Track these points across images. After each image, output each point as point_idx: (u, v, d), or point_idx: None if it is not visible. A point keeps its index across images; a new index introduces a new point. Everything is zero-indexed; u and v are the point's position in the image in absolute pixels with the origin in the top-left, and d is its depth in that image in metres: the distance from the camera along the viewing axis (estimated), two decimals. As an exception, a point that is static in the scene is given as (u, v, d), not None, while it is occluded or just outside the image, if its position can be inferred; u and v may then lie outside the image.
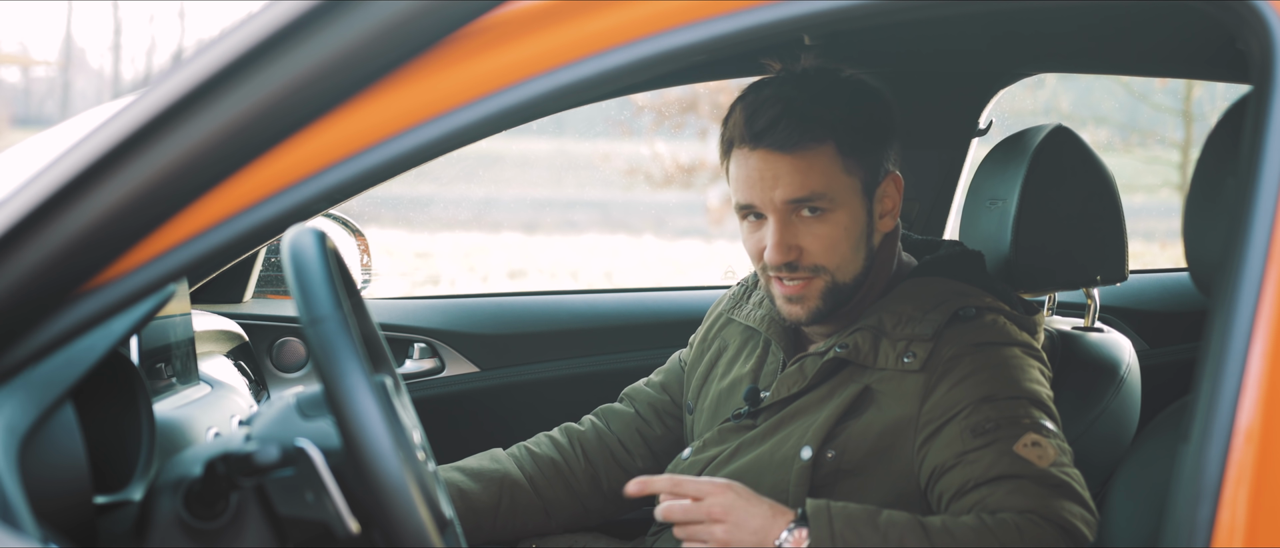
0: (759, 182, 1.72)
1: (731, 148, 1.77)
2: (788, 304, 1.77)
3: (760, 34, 1.13)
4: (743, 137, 1.73)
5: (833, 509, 1.56)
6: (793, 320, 1.78)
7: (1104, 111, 11.03)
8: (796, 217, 1.73)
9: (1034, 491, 1.56)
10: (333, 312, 1.12)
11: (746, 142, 1.73)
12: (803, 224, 1.73)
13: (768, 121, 1.71)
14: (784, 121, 1.70)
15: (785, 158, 1.71)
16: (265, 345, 2.50)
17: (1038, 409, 1.65)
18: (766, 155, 1.71)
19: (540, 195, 13.05)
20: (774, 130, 1.70)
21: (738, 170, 1.75)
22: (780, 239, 1.72)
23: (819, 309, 1.76)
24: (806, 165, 1.71)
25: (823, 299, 1.75)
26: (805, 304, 1.76)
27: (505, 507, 1.92)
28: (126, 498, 1.21)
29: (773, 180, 1.71)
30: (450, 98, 1.12)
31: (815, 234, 1.73)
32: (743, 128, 1.73)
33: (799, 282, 1.74)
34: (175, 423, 1.47)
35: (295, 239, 1.17)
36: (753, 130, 1.72)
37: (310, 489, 1.16)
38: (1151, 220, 10.59)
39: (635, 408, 2.03)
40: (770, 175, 1.71)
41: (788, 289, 1.75)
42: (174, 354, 1.69)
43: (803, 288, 1.75)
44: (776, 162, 1.71)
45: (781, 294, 1.77)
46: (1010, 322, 1.76)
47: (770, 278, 1.77)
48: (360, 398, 1.10)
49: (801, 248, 1.73)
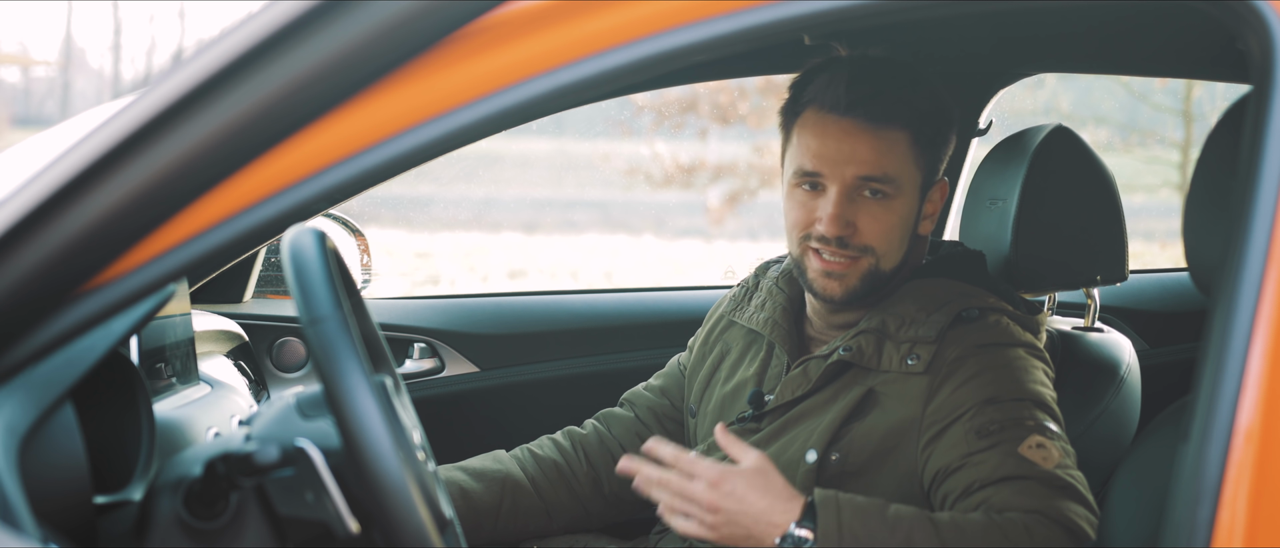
0: (836, 151, 1.71)
1: (805, 109, 1.74)
2: (825, 278, 1.75)
3: (760, 34, 1.13)
4: (832, 102, 1.71)
5: (841, 500, 1.54)
6: (826, 295, 1.76)
7: (1104, 111, 11.03)
8: (859, 195, 1.72)
9: (1039, 492, 1.56)
10: (333, 312, 1.12)
11: (836, 107, 1.71)
12: (862, 203, 1.72)
13: (865, 92, 1.70)
14: (882, 98, 1.70)
15: (869, 132, 1.70)
16: (265, 345, 2.50)
17: (1042, 411, 1.65)
18: (851, 125, 1.70)
19: (540, 195, 13.04)
20: (870, 102, 1.69)
21: (811, 136, 1.73)
22: (839, 211, 1.71)
23: (856, 290, 1.75)
24: (887, 146, 1.70)
25: (862, 281, 1.74)
26: (844, 282, 1.74)
27: (507, 508, 1.92)
28: (126, 498, 1.21)
29: (850, 152, 1.70)
30: (450, 98, 1.12)
31: (872, 215, 1.72)
32: (836, 93, 1.71)
33: (844, 259, 1.73)
34: (175, 423, 1.47)
35: (295, 239, 1.17)
36: (849, 97, 1.70)
37: (310, 489, 1.16)
38: (1151, 220, 10.59)
39: (635, 413, 2.03)
40: (849, 147, 1.70)
41: (829, 264, 1.74)
42: (174, 354, 1.69)
43: (847, 265, 1.73)
44: (858, 134, 1.70)
45: (820, 268, 1.75)
46: (1013, 322, 1.76)
47: (810, 250, 1.75)
48: (360, 398, 1.10)
49: (856, 226, 1.72)
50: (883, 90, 1.70)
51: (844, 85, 1.71)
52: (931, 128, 1.75)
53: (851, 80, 1.71)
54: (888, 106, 1.70)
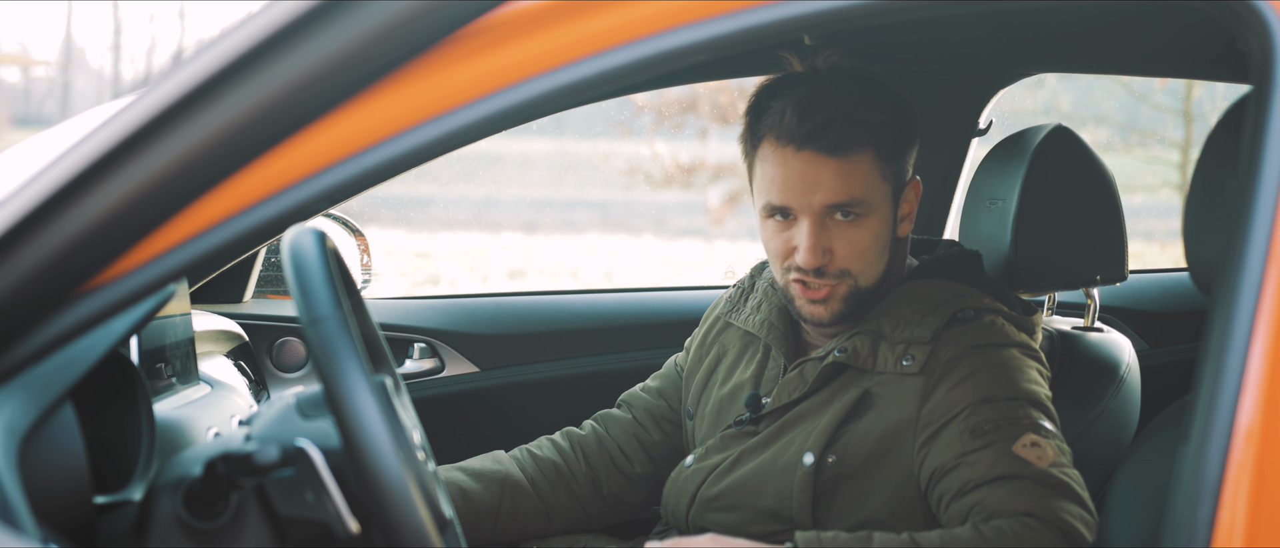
0: (800, 184, 1.68)
1: (763, 142, 1.71)
2: (810, 305, 1.74)
3: (760, 34, 1.13)
4: (788, 135, 1.67)
5: (824, 539, 1.55)
6: (814, 320, 1.76)
7: (1104, 111, 11.03)
8: (830, 220, 1.70)
9: (1033, 491, 1.55)
10: (333, 312, 1.12)
11: (792, 140, 1.67)
12: (836, 228, 1.70)
13: (819, 123, 1.66)
14: (837, 125, 1.66)
15: (831, 161, 1.67)
16: (265, 345, 2.50)
17: (1036, 410, 1.65)
18: (811, 157, 1.67)
19: (540, 195, 13.04)
20: (825, 132, 1.66)
21: (773, 169, 1.70)
22: (815, 242, 1.69)
23: (841, 311, 1.74)
24: (850, 170, 1.67)
25: (845, 302, 1.74)
26: (829, 306, 1.74)
27: (506, 508, 1.92)
28: (126, 498, 1.21)
29: (814, 184, 1.67)
30: (450, 98, 1.12)
31: (847, 238, 1.70)
32: (789, 126, 1.67)
33: (825, 286, 1.72)
34: (175, 423, 1.47)
35: (295, 239, 1.17)
36: (803, 130, 1.66)
37: (310, 489, 1.16)
38: (1151, 220, 10.59)
39: (633, 414, 2.02)
40: (812, 178, 1.67)
41: (811, 293, 1.73)
42: (174, 354, 1.69)
43: (827, 291, 1.73)
44: (821, 164, 1.67)
45: (805, 297, 1.74)
46: (1008, 322, 1.76)
47: (793, 281, 1.75)
48: (360, 398, 1.10)
49: (833, 252, 1.71)
50: (836, 116, 1.66)
51: (795, 117, 1.67)
52: (893, 138, 1.72)
53: (802, 111, 1.66)
54: (844, 132, 1.66)
